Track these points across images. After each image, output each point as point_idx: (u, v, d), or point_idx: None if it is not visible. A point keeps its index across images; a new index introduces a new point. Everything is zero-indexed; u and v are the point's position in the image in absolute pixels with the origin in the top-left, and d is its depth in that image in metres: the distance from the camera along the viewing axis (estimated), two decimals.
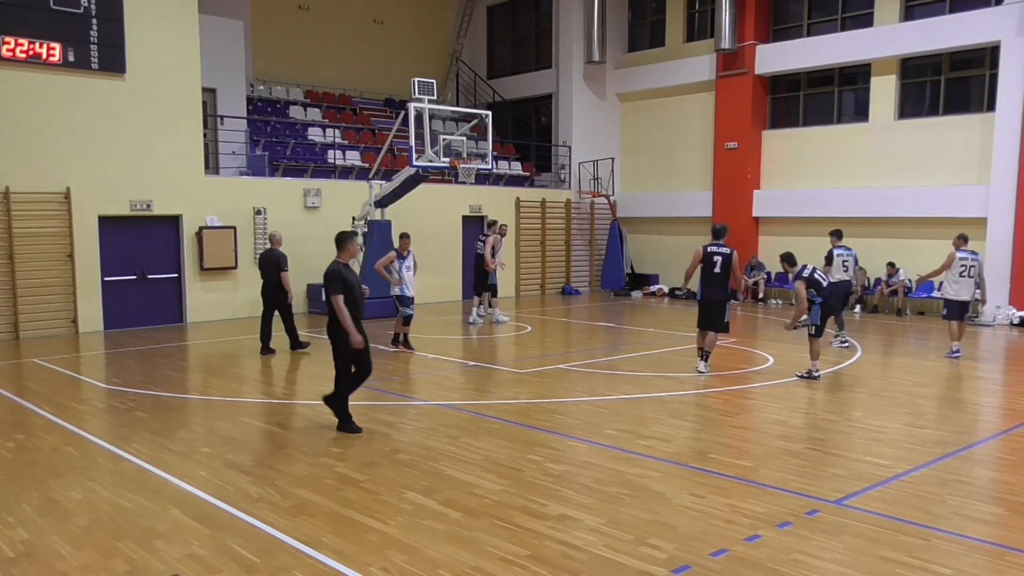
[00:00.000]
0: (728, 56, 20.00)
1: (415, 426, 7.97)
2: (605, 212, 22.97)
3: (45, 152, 14.10)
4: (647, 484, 6.14)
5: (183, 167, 15.66)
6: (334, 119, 20.46)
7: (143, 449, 7.14)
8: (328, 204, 17.67)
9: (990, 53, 16.56)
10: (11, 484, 6.21)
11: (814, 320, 10.06)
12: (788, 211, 19.60)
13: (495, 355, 12.39)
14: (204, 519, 5.44)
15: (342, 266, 7.62)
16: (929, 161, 17.36)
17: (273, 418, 8.29)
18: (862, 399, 9.12)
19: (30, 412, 8.63)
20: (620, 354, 12.38)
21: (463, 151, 15.81)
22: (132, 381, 10.27)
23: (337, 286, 7.44)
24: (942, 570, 4.62)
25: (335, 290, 7.43)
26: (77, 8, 14.11)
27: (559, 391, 9.67)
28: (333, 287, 7.45)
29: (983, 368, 11.58)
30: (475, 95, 24.86)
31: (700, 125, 21.33)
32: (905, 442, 7.31)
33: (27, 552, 4.93)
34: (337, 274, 7.50)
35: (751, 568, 4.64)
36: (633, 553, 4.85)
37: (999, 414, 8.76)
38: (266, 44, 20.64)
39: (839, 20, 18.83)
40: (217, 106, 18.04)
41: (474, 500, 5.78)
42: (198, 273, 15.99)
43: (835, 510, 5.57)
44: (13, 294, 13.88)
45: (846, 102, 19.25)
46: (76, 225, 14.41)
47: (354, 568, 4.65)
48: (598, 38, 21.71)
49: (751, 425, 8.06)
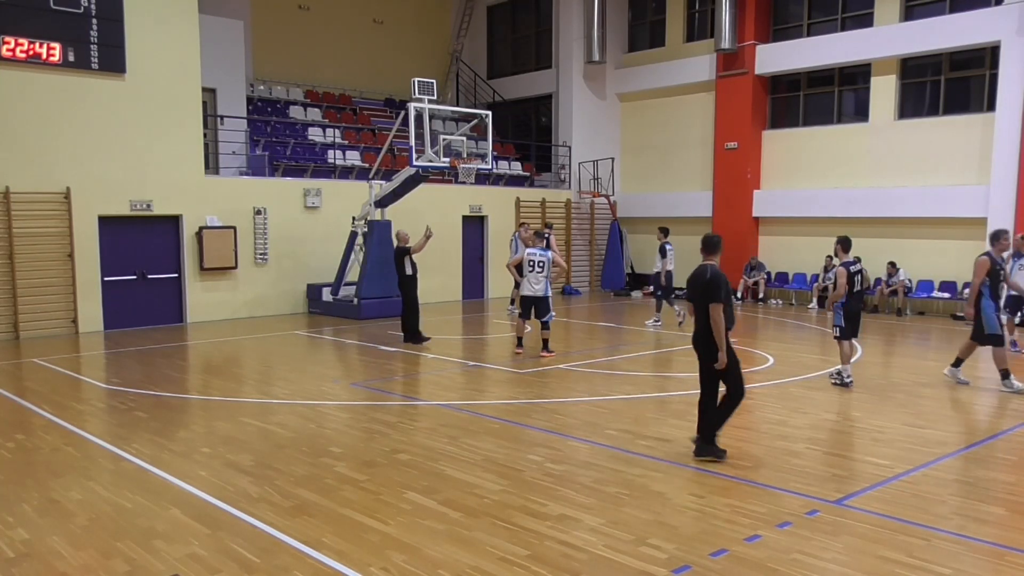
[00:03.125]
0: (728, 56, 20.00)
1: (415, 426, 7.97)
2: (605, 212, 22.98)
3: (45, 152, 14.10)
4: (647, 484, 6.14)
5: (183, 167, 15.66)
6: (334, 119, 20.46)
7: (143, 449, 7.14)
8: (328, 204, 17.67)
9: (990, 53, 16.56)
10: (11, 484, 6.21)
11: (836, 321, 9.77)
12: (788, 211, 19.60)
13: (495, 355, 12.38)
14: (204, 519, 5.44)
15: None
16: (929, 161, 17.37)
17: (273, 418, 8.29)
18: (862, 399, 9.11)
19: (30, 412, 8.63)
20: (620, 354, 12.37)
21: (463, 151, 15.80)
22: (132, 381, 10.27)
23: (724, 294, 6.63)
24: (942, 570, 4.62)
25: (722, 298, 6.60)
26: (77, 8, 14.11)
27: (559, 391, 9.67)
28: (721, 294, 6.60)
29: (983, 368, 11.58)
30: (475, 95, 24.86)
31: (700, 125, 21.33)
32: (905, 442, 7.30)
33: (27, 552, 4.93)
34: (726, 280, 6.71)
35: (751, 568, 4.64)
36: (633, 553, 4.85)
37: (999, 414, 8.76)
38: (266, 44, 20.64)
39: (839, 20, 18.84)
40: (217, 106, 18.04)
41: (474, 500, 5.78)
42: (198, 273, 15.99)
43: (835, 510, 5.57)
44: (13, 294, 13.89)
45: (846, 102, 19.25)
46: (76, 225, 14.41)
47: (354, 568, 4.65)
48: (598, 38, 21.71)
49: (751, 425, 8.06)
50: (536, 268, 11.92)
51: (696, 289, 6.77)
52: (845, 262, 9.76)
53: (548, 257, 12.01)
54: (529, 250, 12.20)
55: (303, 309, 17.55)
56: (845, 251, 9.93)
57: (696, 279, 6.81)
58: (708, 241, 7.02)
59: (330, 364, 12.12)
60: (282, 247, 17.11)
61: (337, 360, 12.52)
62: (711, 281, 6.65)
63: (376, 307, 16.34)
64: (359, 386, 10.02)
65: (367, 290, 16.24)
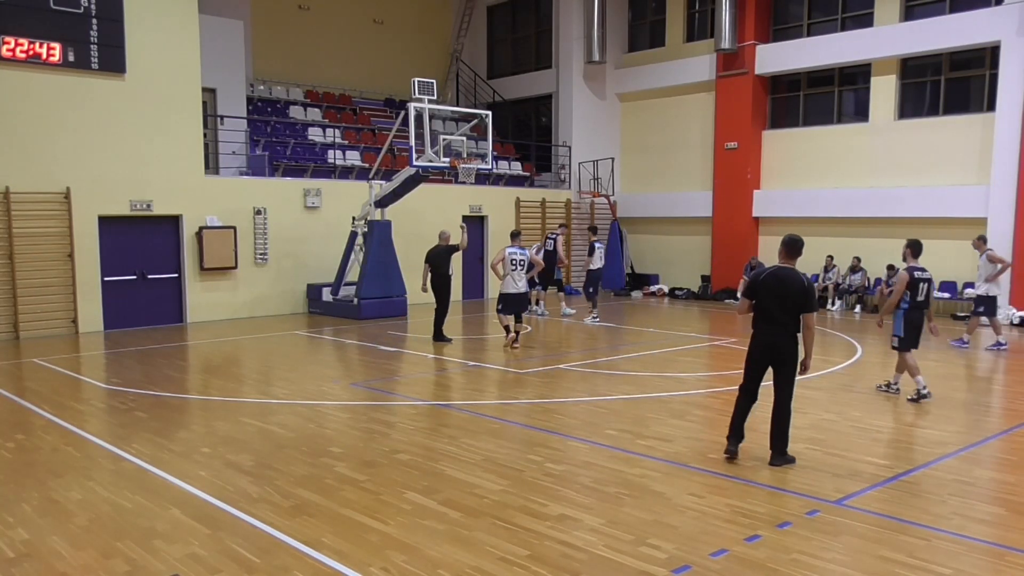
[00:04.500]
0: (728, 56, 20.00)
1: (415, 426, 7.97)
2: (605, 212, 22.97)
3: (45, 152, 14.10)
4: (647, 484, 6.14)
5: (183, 167, 15.66)
6: (334, 119, 20.46)
7: (143, 449, 7.14)
8: (328, 204, 17.67)
9: (990, 53, 16.56)
10: (11, 484, 6.21)
11: (896, 330, 9.13)
12: (788, 211, 19.59)
13: (495, 355, 12.38)
14: (204, 519, 5.44)
15: None
16: (929, 161, 17.36)
17: (273, 418, 8.29)
18: (862, 399, 9.11)
19: (30, 412, 8.63)
20: (620, 354, 12.37)
21: (463, 151, 15.80)
22: (132, 381, 10.27)
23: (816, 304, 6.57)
24: (942, 570, 4.62)
25: (816, 307, 6.57)
26: (77, 8, 14.11)
27: (559, 391, 9.67)
28: (816, 303, 6.59)
29: (983, 368, 11.59)
30: (475, 95, 24.86)
31: (700, 125, 21.33)
32: (905, 442, 7.30)
33: (27, 552, 4.93)
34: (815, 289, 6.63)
35: (751, 568, 4.64)
36: (633, 553, 4.85)
37: (999, 414, 8.76)
38: (266, 44, 20.63)
39: (839, 20, 18.83)
40: (217, 106, 18.04)
41: (474, 500, 5.78)
42: (198, 273, 15.98)
43: (835, 510, 5.57)
44: (13, 294, 13.88)
45: (846, 102, 19.25)
46: (76, 225, 14.41)
47: (354, 568, 4.65)
48: (598, 38, 21.71)
49: (751, 425, 8.04)
50: (518, 267, 12.63)
51: (785, 294, 6.43)
52: (910, 267, 9.12)
53: (527, 256, 13.01)
54: (510, 249, 12.80)
55: (303, 309, 17.55)
56: (915, 256, 9.29)
57: (785, 283, 6.46)
58: (794, 243, 6.65)
59: (330, 364, 12.12)
60: (282, 247, 17.11)
61: (337, 360, 12.52)
62: (810, 289, 6.44)
63: (376, 307, 16.34)
64: (359, 386, 10.02)
65: (367, 290, 16.24)
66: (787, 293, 6.46)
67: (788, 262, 6.63)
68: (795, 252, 6.65)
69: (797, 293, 6.44)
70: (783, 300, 6.46)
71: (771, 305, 6.50)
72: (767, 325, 6.56)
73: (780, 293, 6.48)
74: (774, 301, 6.49)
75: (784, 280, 6.51)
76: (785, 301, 6.46)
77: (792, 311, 6.45)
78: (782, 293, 6.47)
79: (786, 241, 6.71)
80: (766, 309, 6.54)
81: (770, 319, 6.53)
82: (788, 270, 6.58)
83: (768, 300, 6.52)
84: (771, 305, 6.50)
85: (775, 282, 6.53)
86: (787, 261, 6.64)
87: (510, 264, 12.64)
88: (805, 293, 6.42)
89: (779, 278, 6.53)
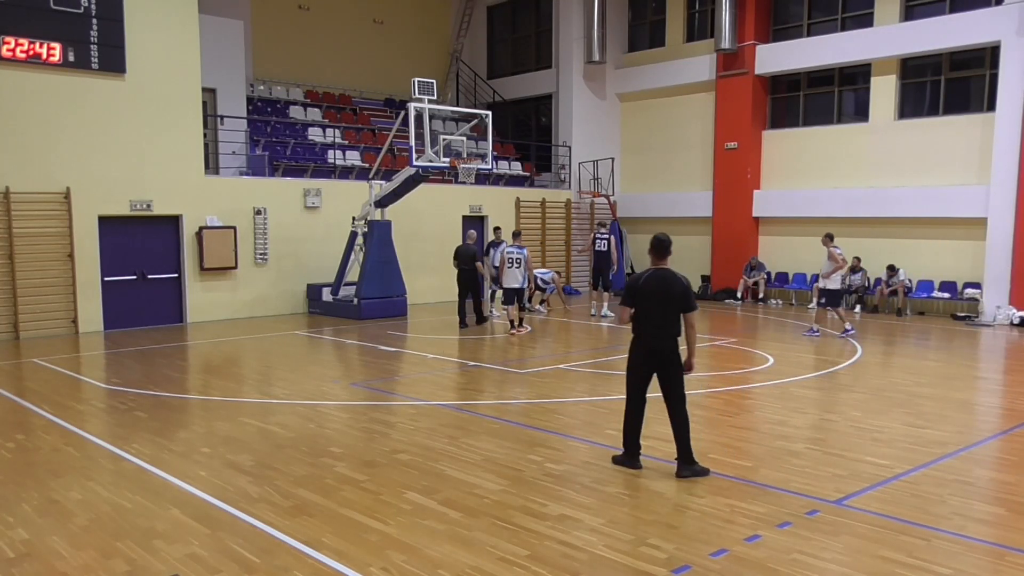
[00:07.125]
0: (728, 56, 20.00)
1: (415, 426, 7.97)
2: (605, 212, 22.96)
3: (45, 152, 14.10)
4: (647, 484, 6.14)
5: (183, 167, 15.66)
6: (334, 119, 20.46)
7: (143, 449, 7.14)
8: (328, 204, 17.68)
9: (990, 53, 16.56)
10: (11, 484, 6.21)
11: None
12: (788, 211, 19.60)
13: (495, 355, 12.39)
14: (204, 519, 5.44)
15: None
16: (929, 161, 17.36)
17: (273, 418, 8.29)
18: (862, 399, 9.11)
19: (30, 412, 8.63)
20: (620, 354, 12.34)
21: (463, 151, 15.80)
22: (132, 381, 10.27)
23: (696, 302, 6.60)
24: (942, 570, 4.62)
25: (697, 306, 6.58)
26: (77, 8, 14.11)
27: (559, 391, 9.66)
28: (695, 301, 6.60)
29: (983, 368, 11.59)
30: (475, 95, 24.86)
31: (700, 125, 21.32)
32: (905, 442, 7.30)
33: (27, 552, 4.93)
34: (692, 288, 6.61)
35: (751, 568, 4.64)
36: (633, 553, 4.85)
37: (999, 414, 8.76)
38: (266, 44, 20.63)
39: (839, 20, 18.83)
40: (217, 106, 18.04)
41: (474, 500, 5.78)
42: (198, 273, 15.99)
43: (835, 510, 5.57)
44: (13, 294, 13.88)
45: (846, 102, 19.25)
46: (76, 225, 14.41)
47: (354, 568, 4.65)
48: (598, 38, 21.71)
49: (751, 425, 8.06)
50: (515, 264, 14.27)
51: (667, 296, 6.32)
52: None
53: (524, 255, 14.41)
54: (508, 248, 14.42)
55: (303, 309, 17.56)
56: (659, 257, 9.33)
57: (664, 283, 6.35)
58: (662, 243, 6.48)
59: (330, 364, 12.12)
60: (282, 247, 17.11)
61: (337, 360, 12.52)
62: (689, 288, 6.38)
63: (376, 307, 16.34)
64: (359, 386, 10.03)
65: (367, 290, 16.24)
66: (670, 295, 6.35)
67: (661, 263, 6.48)
68: (665, 252, 6.47)
69: (679, 294, 6.34)
70: (666, 303, 6.35)
71: (654, 309, 6.38)
72: (650, 330, 6.41)
73: (663, 296, 6.36)
74: (657, 305, 6.36)
75: (665, 281, 6.38)
76: (668, 303, 6.35)
77: (675, 312, 6.36)
78: (665, 296, 6.35)
79: (654, 242, 6.54)
80: (649, 313, 6.39)
81: (653, 323, 6.39)
82: (666, 271, 6.44)
83: (651, 304, 6.38)
84: (654, 309, 6.38)
85: (657, 285, 6.38)
86: (660, 262, 6.48)
87: (508, 262, 14.21)
88: (686, 293, 6.35)
89: (660, 279, 6.38)
